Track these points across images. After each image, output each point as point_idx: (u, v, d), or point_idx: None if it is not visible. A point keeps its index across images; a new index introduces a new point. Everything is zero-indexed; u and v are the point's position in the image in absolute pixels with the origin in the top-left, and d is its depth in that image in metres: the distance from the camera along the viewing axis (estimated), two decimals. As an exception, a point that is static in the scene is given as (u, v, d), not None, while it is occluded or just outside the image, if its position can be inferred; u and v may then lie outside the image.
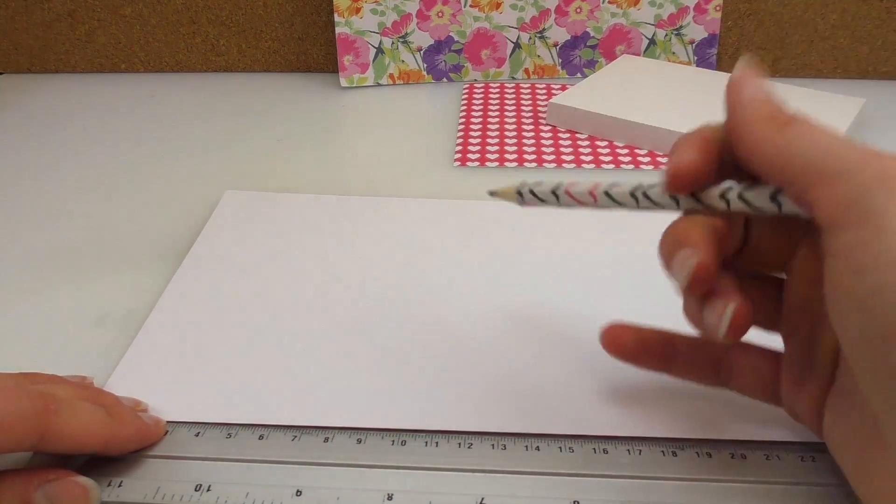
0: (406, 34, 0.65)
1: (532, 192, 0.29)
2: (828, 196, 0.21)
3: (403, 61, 0.66)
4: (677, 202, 0.26)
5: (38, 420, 0.24)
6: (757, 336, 0.27)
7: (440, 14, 0.65)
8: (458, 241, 0.42)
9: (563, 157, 0.53)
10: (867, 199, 0.20)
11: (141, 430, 0.28)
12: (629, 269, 0.39)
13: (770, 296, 0.27)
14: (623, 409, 0.30)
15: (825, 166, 0.21)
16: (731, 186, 0.25)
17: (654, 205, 0.26)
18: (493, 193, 0.31)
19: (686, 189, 0.25)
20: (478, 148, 0.54)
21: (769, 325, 0.28)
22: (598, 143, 0.55)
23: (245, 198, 0.47)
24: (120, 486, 0.27)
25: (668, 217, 0.27)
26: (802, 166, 0.22)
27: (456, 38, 0.66)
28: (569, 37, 0.67)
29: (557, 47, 0.67)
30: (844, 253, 0.20)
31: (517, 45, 0.67)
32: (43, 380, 0.29)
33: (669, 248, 0.25)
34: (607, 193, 0.27)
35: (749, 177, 0.24)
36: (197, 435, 0.29)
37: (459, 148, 0.54)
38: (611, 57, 0.67)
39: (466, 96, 0.64)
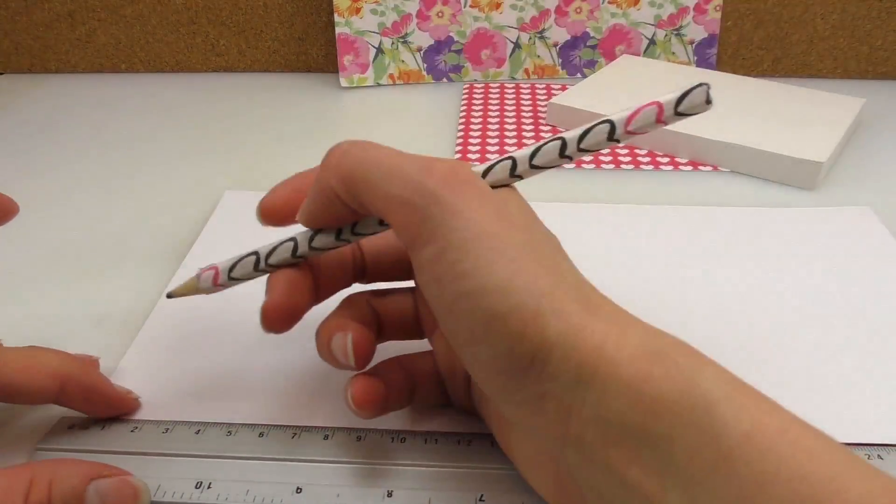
0: (406, 34, 0.65)
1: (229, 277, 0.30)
2: (401, 220, 0.23)
3: (403, 61, 0.66)
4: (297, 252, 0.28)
5: None
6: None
7: (440, 14, 0.65)
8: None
9: (563, 156, 0.53)
10: (429, 220, 0.22)
11: (105, 385, 0.29)
12: (626, 267, 0.39)
13: (409, 305, 0.30)
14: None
15: (390, 193, 0.23)
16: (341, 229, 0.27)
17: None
18: (171, 295, 0.31)
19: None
20: (478, 148, 0.54)
21: (416, 333, 0.30)
22: (597, 142, 0.55)
23: (245, 198, 0.47)
24: (120, 484, 0.27)
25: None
26: (375, 195, 0.23)
27: (456, 38, 0.66)
28: (569, 37, 0.67)
29: (557, 47, 0.67)
30: (426, 267, 0.22)
31: (517, 45, 0.67)
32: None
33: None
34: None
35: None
36: (197, 433, 0.29)
37: (459, 148, 0.54)
38: (611, 57, 0.68)
39: (466, 96, 0.64)
